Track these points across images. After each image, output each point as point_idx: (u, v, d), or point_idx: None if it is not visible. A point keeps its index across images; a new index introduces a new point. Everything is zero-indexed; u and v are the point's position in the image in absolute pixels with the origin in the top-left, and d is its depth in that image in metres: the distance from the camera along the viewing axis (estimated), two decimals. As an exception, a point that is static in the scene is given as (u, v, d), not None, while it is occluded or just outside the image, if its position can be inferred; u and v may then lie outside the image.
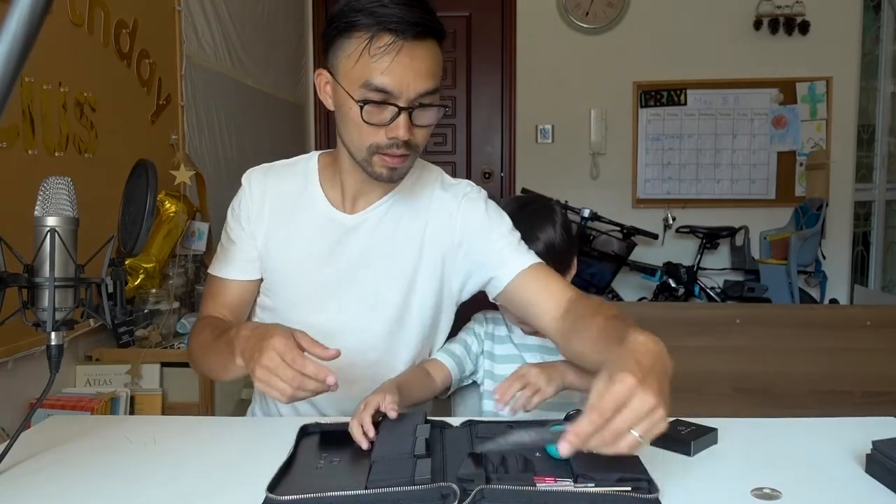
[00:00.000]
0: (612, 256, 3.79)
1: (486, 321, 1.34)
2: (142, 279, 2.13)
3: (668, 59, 4.08)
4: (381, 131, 1.04)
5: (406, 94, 1.01)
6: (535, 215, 1.26)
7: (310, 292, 1.20)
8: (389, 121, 1.03)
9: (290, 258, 1.20)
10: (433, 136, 3.39)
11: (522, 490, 0.78)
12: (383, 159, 1.06)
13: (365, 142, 1.06)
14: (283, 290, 1.22)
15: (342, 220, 1.19)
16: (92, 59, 1.97)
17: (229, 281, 1.23)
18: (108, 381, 1.97)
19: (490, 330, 1.32)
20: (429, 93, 1.03)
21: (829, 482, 0.86)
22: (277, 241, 1.21)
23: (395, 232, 1.19)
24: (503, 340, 1.31)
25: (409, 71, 1.00)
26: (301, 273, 1.20)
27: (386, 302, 1.19)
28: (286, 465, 0.87)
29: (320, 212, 1.20)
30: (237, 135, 3.04)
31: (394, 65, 1.00)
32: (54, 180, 0.90)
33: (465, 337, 1.31)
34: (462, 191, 1.21)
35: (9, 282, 0.86)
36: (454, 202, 1.19)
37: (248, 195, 1.22)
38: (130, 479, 0.87)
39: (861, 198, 4.18)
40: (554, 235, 1.24)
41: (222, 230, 1.26)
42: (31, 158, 1.69)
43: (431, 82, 1.03)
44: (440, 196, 1.21)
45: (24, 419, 0.96)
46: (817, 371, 2.27)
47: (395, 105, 1.01)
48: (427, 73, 1.02)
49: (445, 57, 1.13)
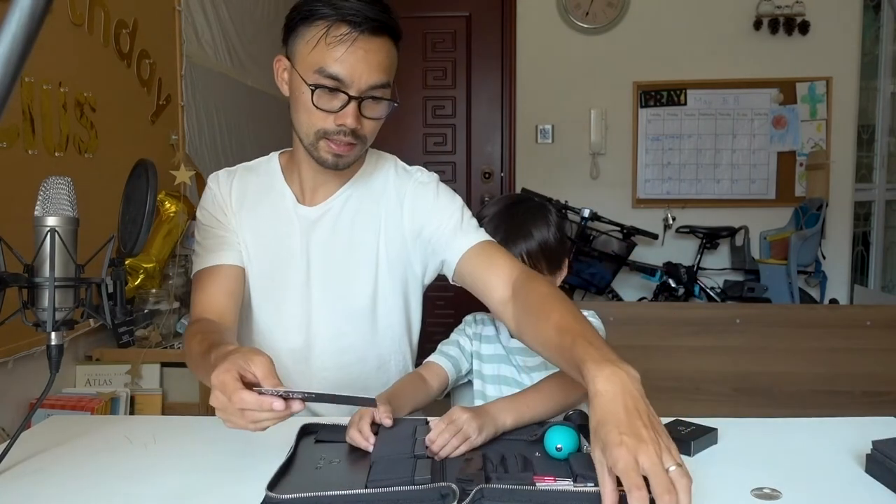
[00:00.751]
0: (612, 256, 3.79)
1: (475, 322, 1.35)
2: (142, 279, 2.13)
3: (668, 59, 4.08)
4: (330, 118, 1.09)
5: (357, 84, 1.06)
6: (529, 213, 1.28)
7: (285, 285, 1.23)
8: (339, 108, 1.07)
9: (263, 253, 1.23)
10: (433, 136, 3.43)
11: (522, 489, 0.78)
12: (329, 145, 1.11)
13: (313, 126, 1.10)
14: (257, 284, 1.24)
15: (305, 213, 1.23)
16: (92, 59, 1.97)
17: (223, 266, 1.21)
18: (108, 381, 1.97)
19: (478, 330, 1.33)
20: (380, 86, 1.08)
21: (829, 482, 0.86)
22: (251, 235, 1.23)
23: (355, 221, 1.23)
24: (490, 340, 1.32)
25: (362, 62, 1.06)
26: (273, 266, 1.23)
27: (356, 291, 1.23)
28: (286, 464, 0.88)
29: (288, 206, 1.24)
30: (237, 135, 3.04)
31: (347, 54, 1.05)
32: (54, 180, 0.90)
33: (457, 338, 1.33)
34: (414, 177, 1.25)
35: (9, 282, 0.86)
36: (407, 189, 1.24)
37: (217, 192, 1.25)
38: (130, 479, 0.87)
39: (861, 198, 4.18)
40: (548, 234, 1.25)
41: (196, 231, 1.26)
42: (31, 158, 1.69)
43: (383, 76, 1.08)
44: (395, 183, 1.25)
45: (24, 419, 0.97)
46: (817, 371, 2.27)
47: (346, 93, 1.07)
48: (379, 66, 1.07)
49: (445, 57, 1.17)
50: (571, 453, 0.88)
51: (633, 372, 0.77)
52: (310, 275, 1.23)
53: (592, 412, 0.75)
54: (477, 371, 1.31)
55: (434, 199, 1.22)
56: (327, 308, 1.23)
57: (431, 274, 1.29)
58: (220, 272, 1.21)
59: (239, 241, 1.23)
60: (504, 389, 1.26)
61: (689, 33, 4.06)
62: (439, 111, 4.27)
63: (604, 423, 0.73)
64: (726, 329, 2.28)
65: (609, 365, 0.77)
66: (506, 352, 1.29)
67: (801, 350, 2.27)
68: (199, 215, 1.26)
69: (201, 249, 1.23)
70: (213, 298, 1.19)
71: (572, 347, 0.84)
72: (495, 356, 1.30)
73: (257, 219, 1.24)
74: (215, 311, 1.17)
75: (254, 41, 3.24)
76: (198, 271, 1.22)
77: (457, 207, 1.22)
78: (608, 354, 0.80)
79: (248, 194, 1.25)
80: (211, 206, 1.25)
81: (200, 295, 1.20)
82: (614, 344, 0.86)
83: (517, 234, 1.23)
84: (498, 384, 1.28)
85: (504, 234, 1.23)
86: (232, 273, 1.21)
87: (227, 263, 1.21)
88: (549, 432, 0.90)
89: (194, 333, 1.11)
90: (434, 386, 1.24)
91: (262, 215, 1.24)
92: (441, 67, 4.23)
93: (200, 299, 1.20)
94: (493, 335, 1.32)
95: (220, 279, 1.20)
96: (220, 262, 1.21)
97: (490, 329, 1.33)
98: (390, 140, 4.12)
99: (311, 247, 1.23)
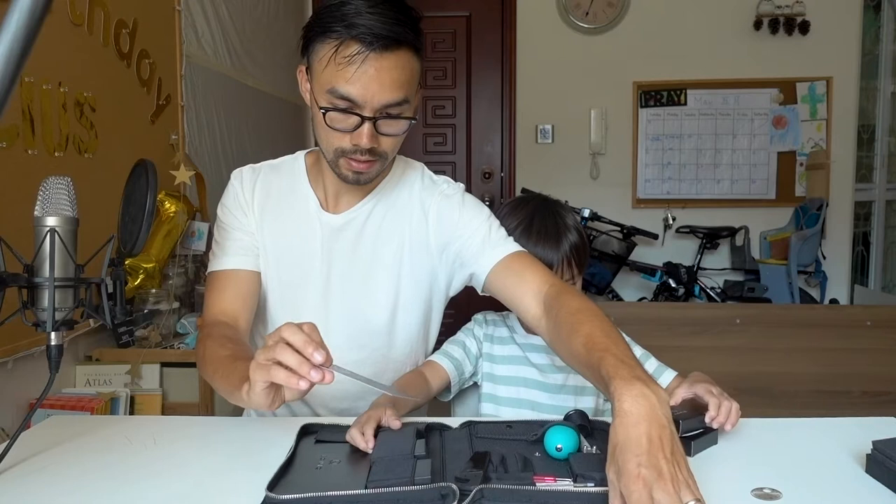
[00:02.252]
0: (612, 256, 3.79)
1: (485, 323, 1.33)
2: (142, 279, 2.13)
3: (668, 59, 4.08)
4: (347, 137, 1.05)
5: (370, 104, 1.02)
6: (558, 216, 1.27)
7: (304, 291, 1.21)
8: (353, 128, 1.04)
9: (283, 256, 1.21)
10: (433, 136, 3.42)
11: (522, 490, 0.78)
12: (349, 163, 1.08)
13: (332, 145, 1.08)
14: (276, 288, 1.22)
15: (328, 220, 1.20)
16: (92, 59, 1.97)
17: (241, 272, 1.19)
18: (108, 381, 1.97)
19: (490, 332, 1.31)
20: (395, 104, 1.03)
21: (829, 482, 0.85)
22: (272, 238, 1.21)
23: (380, 231, 1.20)
24: (505, 341, 1.29)
25: (374, 81, 1.00)
26: (294, 270, 1.21)
27: (377, 301, 1.21)
28: (286, 464, 0.87)
29: (311, 210, 1.21)
30: (237, 135, 3.04)
31: (358, 74, 1.00)
32: (54, 180, 0.90)
33: (463, 339, 1.30)
34: (440, 189, 1.22)
35: (9, 282, 0.86)
36: (433, 202, 1.21)
37: (240, 190, 1.22)
38: (130, 479, 0.87)
39: (861, 198, 4.18)
40: (577, 235, 1.26)
41: (216, 229, 1.25)
42: (31, 158, 1.69)
43: (398, 94, 1.03)
44: (420, 196, 1.22)
45: (24, 419, 0.96)
46: (817, 371, 2.27)
47: (359, 114, 1.02)
48: (393, 84, 1.02)
49: (445, 57, 1.14)
50: (571, 453, 0.88)
51: (662, 394, 0.74)
52: (329, 283, 1.20)
53: (613, 431, 0.72)
54: (487, 374, 1.28)
55: (459, 211, 1.19)
56: (345, 320, 1.20)
57: (458, 286, 1.26)
58: (237, 276, 1.19)
59: (258, 244, 1.21)
60: (522, 392, 1.25)
61: (689, 33, 4.06)
62: (439, 111, 4.27)
63: (624, 450, 0.69)
64: (726, 329, 2.28)
65: (638, 384, 0.74)
66: (522, 351, 1.27)
67: (801, 350, 2.27)
68: (220, 213, 1.23)
69: (219, 250, 1.21)
70: (228, 303, 1.17)
71: (600, 364, 0.82)
72: (511, 357, 1.27)
73: (279, 221, 1.21)
74: (230, 315, 1.16)
75: (254, 41, 3.24)
76: (213, 272, 1.20)
77: (483, 219, 1.19)
78: (638, 372, 0.77)
79: (271, 194, 1.22)
80: (232, 205, 1.22)
81: (215, 296, 1.18)
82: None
83: (554, 237, 1.23)
84: (515, 386, 1.26)
85: (537, 238, 1.23)
86: (248, 278, 1.20)
87: (244, 269, 1.19)
88: (549, 432, 0.90)
89: (215, 337, 1.09)
90: (434, 387, 1.22)
91: (284, 218, 1.21)
92: (441, 67, 4.23)
93: (215, 301, 1.18)
94: (507, 336, 1.30)
95: (237, 283, 1.19)
96: (238, 267, 1.19)
97: (503, 330, 1.31)
98: (390, 140, 4.12)
99: (333, 255, 1.20)
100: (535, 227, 1.25)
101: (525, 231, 1.24)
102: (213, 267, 1.21)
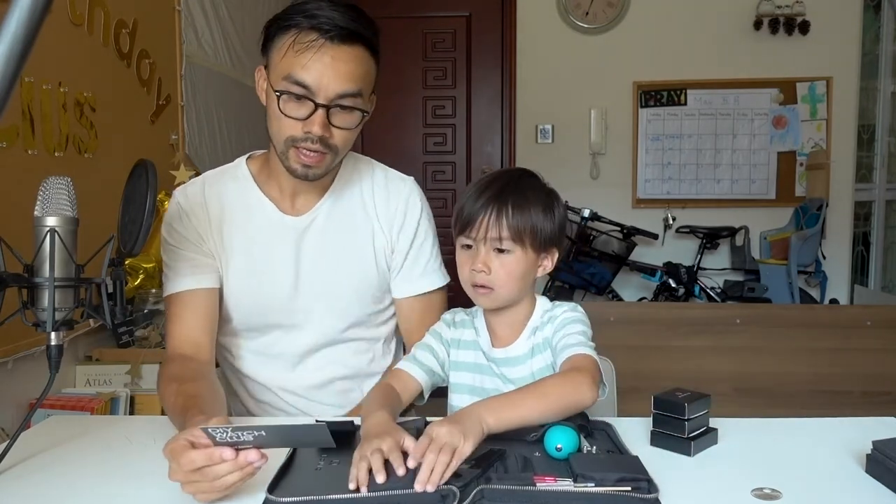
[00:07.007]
0: (612, 256, 3.79)
1: (453, 324, 1.18)
2: (142, 279, 2.13)
3: (668, 59, 4.08)
4: (299, 125, 1.07)
5: (324, 92, 1.05)
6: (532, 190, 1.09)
7: (277, 298, 1.20)
8: (306, 116, 1.06)
9: (244, 264, 1.19)
10: (433, 136, 3.43)
11: (522, 490, 0.78)
12: (298, 154, 1.09)
13: (283, 133, 1.09)
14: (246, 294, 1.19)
15: (293, 222, 1.19)
16: (92, 59, 1.97)
17: (197, 291, 1.15)
18: (108, 381, 1.96)
19: (456, 335, 1.16)
20: (348, 95, 1.07)
21: (829, 482, 0.86)
22: (239, 247, 1.19)
23: (343, 227, 1.21)
24: (469, 346, 1.15)
25: (330, 69, 1.04)
26: (264, 277, 1.19)
27: (349, 297, 1.22)
28: (286, 465, 0.87)
29: (271, 215, 1.19)
30: (237, 135, 3.04)
31: (314, 62, 1.04)
32: (54, 180, 0.90)
33: (431, 343, 1.16)
34: (405, 194, 1.25)
35: (9, 282, 0.86)
36: (398, 204, 1.24)
37: (188, 206, 1.19)
38: (130, 479, 0.88)
39: (861, 198, 4.18)
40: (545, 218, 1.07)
41: (163, 251, 1.19)
42: (31, 158, 1.69)
43: (352, 85, 1.06)
44: (382, 193, 1.24)
45: (24, 419, 0.97)
46: (817, 371, 2.27)
47: (313, 101, 1.05)
48: (348, 75, 1.06)
49: (445, 57, 1.15)
50: (571, 453, 0.88)
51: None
52: (299, 283, 1.19)
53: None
54: (453, 383, 1.16)
55: (416, 227, 1.24)
56: (319, 316, 1.21)
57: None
58: (195, 297, 1.15)
59: (215, 259, 1.18)
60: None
61: (689, 33, 4.06)
62: (439, 111, 4.27)
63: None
64: (726, 329, 2.28)
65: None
66: (487, 360, 1.13)
67: (801, 350, 2.27)
68: (166, 233, 1.18)
69: (171, 272, 1.17)
70: (190, 330, 1.15)
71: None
72: (474, 365, 1.14)
73: (242, 230, 1.19)
74: (192, 344, 1.14)
75: (254, 41, 3.23)
76: (169, 295, 1.17)
77: (430, 242, 1.26)
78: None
79: (224, 204, 1.19)
80: (179, 224, 1.17)
81: (175, 327, 1.16)
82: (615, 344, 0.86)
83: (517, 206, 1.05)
84: (479, 396, 1.07)
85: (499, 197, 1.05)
86: (206, 296, 1.16)
87: (200, 287, 1.16)
88: (549, 432, 0.90)
89: (169, 381, 1.07)
90: (404, 399, 1.07)
91: (246, 226, 1.19)
92: (441, 67, 4.23)
93: (175, 332, 1.16)
94: (472, 340, 1.15)
95: (195, 306, 1.15)
96: (194, 287, 1.16)
97: (469, 332, 1.16)
98: (390, 140, 4.13)
99: (301, 256, 1.19)
100: (490, 187, 1.07)
101: (476, 185, 1.09)
102: (169, 290, 1.17)
